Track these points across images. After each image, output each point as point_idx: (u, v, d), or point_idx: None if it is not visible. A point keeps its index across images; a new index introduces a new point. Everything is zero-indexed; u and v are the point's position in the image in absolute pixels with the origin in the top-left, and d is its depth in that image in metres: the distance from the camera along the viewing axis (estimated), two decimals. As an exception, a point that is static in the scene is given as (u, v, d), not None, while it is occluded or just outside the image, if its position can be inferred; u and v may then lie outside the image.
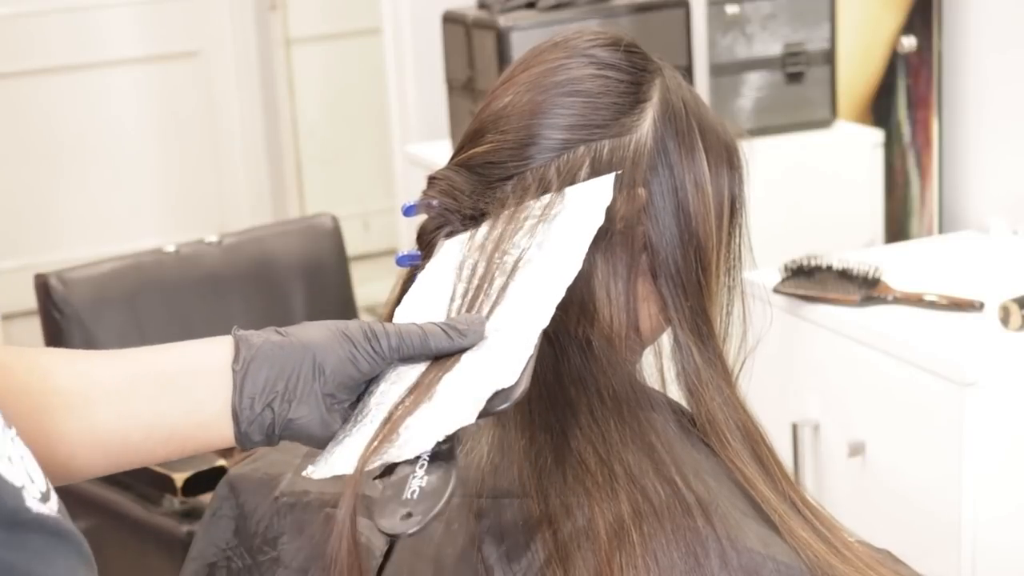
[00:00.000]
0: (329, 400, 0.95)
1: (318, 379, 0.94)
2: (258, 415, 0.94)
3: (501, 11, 2.84)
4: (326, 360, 0.94)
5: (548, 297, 0.97)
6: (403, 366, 0.97)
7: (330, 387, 0.95)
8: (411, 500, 0.88)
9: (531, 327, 0.95)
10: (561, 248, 1.00)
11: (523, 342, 0.94)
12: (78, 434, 0.93)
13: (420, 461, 0.90)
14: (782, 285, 2.25)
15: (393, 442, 0.91)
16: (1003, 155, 2.51)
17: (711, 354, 1.08)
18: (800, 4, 2.71)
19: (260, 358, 0.94)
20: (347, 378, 0.95)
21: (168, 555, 2.37)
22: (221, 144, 4.73)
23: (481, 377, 0.93)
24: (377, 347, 0.95)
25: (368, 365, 0.95)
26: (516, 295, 0.99)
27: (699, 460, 1.04)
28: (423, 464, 0.90)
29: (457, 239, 1.06)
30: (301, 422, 0.95)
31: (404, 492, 0.89)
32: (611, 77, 1.07)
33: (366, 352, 0.95)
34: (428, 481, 0.89)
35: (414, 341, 0.96)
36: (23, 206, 4.52)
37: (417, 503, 0.88)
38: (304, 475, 0.95)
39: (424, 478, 0.89)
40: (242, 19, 4.69)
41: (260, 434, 0.95)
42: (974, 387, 1.95)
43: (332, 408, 0.95)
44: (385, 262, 4.44)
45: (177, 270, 2.65)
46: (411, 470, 0.90)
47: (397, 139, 3.68)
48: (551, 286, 0.97)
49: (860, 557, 1.05)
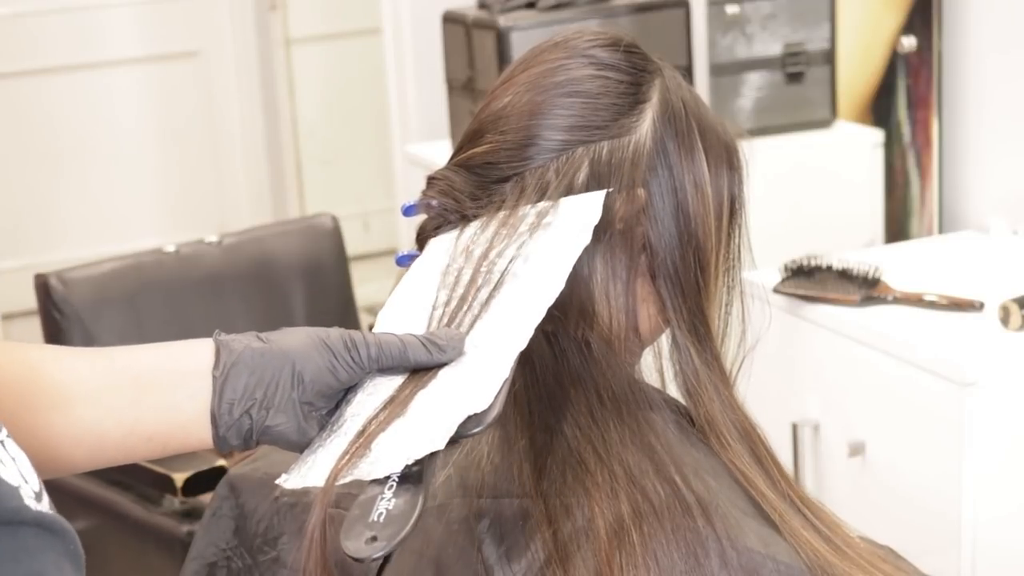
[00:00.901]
0: (307, 408, 0.95)
1: (297, 387, 0.95)
2: (236, 420, 0.95)
3: (501, 11, 2.84)
4: (305, 369, 0.95)
5: (527, 318, 0.97)
6: (381, 376, 0.97)
7: (308, 395, 0.95)
8: (377, 523, 0.88)
9: (508, 349, 0.95)
10: (545, 266, 0.99)
11: (499, 365, 0.94)
12: (61, 429, 0.93)
13: (389, 482, 0.90)
14: (782, 285, 2.25)
15: (365, 457, 0.91)
16: (1003, 155, 2.51)
17: (709, 355, 1.08)
18: (800, 4, 2.71)
19: (240, 364, 0.95)
20: (326, 387, 0.96)
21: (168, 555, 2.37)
22: (221, 144, 4.72)
23: (455, 399, 0.93)
24: (356, 357, 0.96)
25: (347, 374, 0.96)
26: (497, 311, 0.99)
27: (699, 459, 1.04)
28: (392, 486, 0.90)
29: (443, 238, 1.06)
30: (278, 429, 0.95)
31: (371, 514, 0.89)
32: (611, 78, 1.07)
33: (345, 362, 0.95)
34: (395, 504, 0.89)
35: (393, 352, 0.96)
36: (23, 206, 4.52)
37: (383, 527, 0.88)
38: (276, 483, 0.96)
39: (392, 501, 0.89)
40: (242, 19, 4.69)
41: (238, 439, 0.96)
42: (974, 387, 1.95)
43: (309, 416, 0.96)
44: (385, 262, 4.44)
45: (177, 270, 2.65)
46: (380, 491, 0.90)
47: (397, 139, 3.68)
48: (532, 307, 0.97)
49: (861, 555, 1.05)
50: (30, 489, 0.70)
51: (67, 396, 0.94)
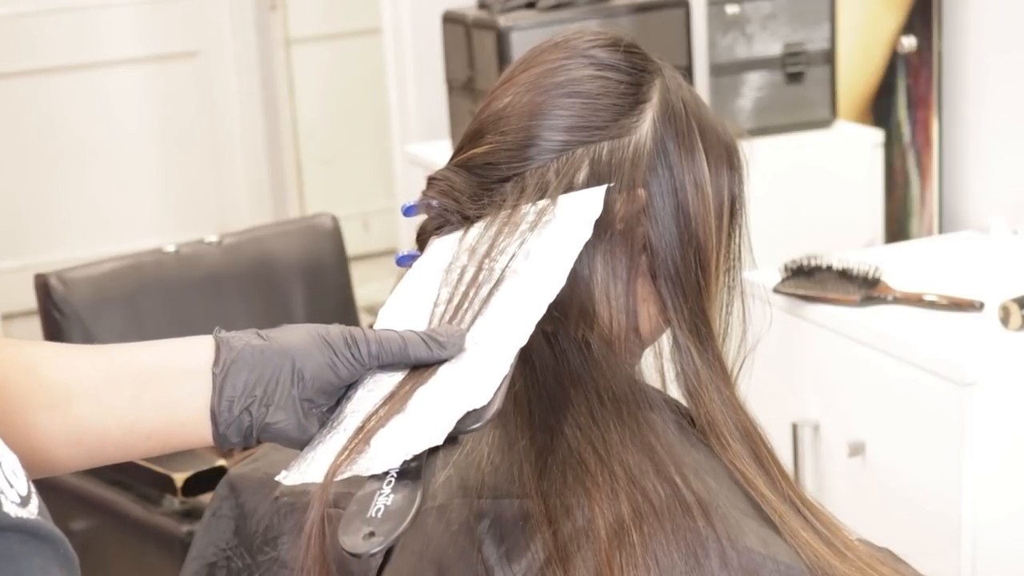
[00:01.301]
0: (307, 405, 0.95)
1: (297, 385, 0.95)
2: (236, 418, 0.95)
3: (501, 11, 2.84)
4: (306, 366, 0.95)
5: (528, 315, 0.97)
6: (381, 373, 0.97)
7: (309, 392, 0.95)
8: (375, 519, 0.88)
9: (508, 346, 0.95)
10: (546, 263, 1.00)
11: (499, 361, 0.94)
12: (59, 427, 0.93)
13: (388, 478, 0.90)
14: (782, 285, 2.25)
15: (364, 453, 0.91)
16: (1003, 155, 2.51)
17: (710, 355, 1.07)
18: (800, 4, 2.71)
19: (240, 362, 0.94)
20: (326, 384, 0.96)
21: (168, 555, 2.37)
22: (221, 144, 4.72)
23: (454, 395, 0.93)
24: (357, 354, 0.96)
25: (347, 371, 0.96)
26: (498, 308, 0.99)
27: (699, 460, 1.04)
28: (390, 481, 0.90)
29: (447, 238, 1.06)
30: (278, 426, 0.95)
31: (369, 509, 0.88)
32: (611, 78, 1.07)
33: (346, 359, 0.95)
34: (393, 500, 0.89)
35: (393, 348, 0.96)
36: (23, 206, 4.52)
37: (381, 523, 0.87)
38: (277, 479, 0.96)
39: (390, 496, 0.89)
40: (242, 19, 4.69)
41: (238, 436, 0.95)
42: (974, 387, 1.95)
43: (310, 413, 0.96)
44: (385, 262, 4.45)
45: (177, 270, 2.65)
46: (378, 486, 0.90)
47: (397, 139, 3.68)
48: (532, 304, 0.97)
49: (861, 557, 1.05)
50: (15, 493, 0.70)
51: (66, 394, 0.93)
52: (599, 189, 1.03)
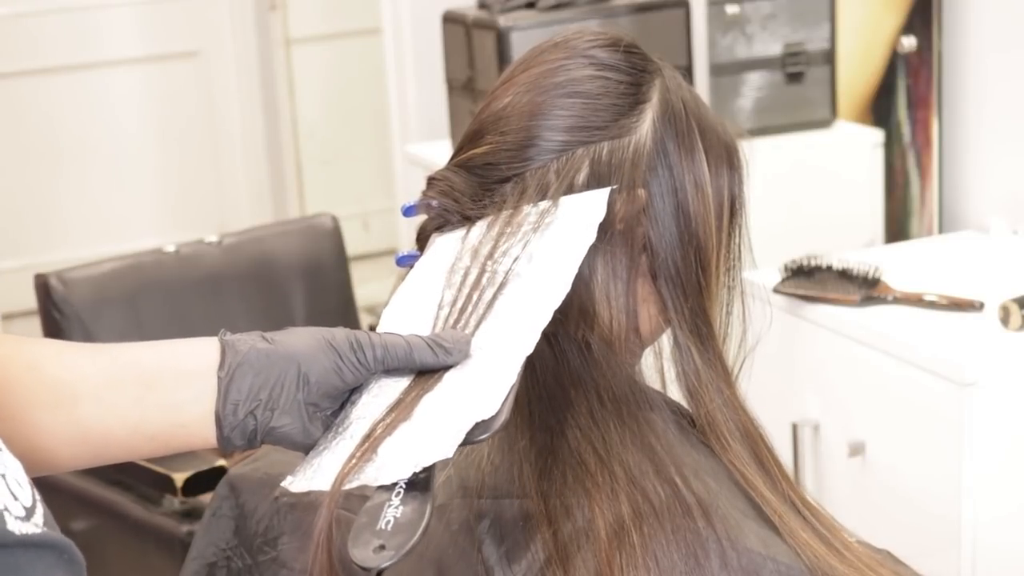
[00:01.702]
0: (312, 409, 0.95)
1: (302, 389, 0.94)
2: (240, 421, 0.94)
3: (501, 11, 2.84)
4: (311, 370, 0.94)
5: (533, 323, 0.96)
6: (386, 378, 0.96)
7: (313, 396, 0.95)
8: (385, 531, 0.87)
9: (515, 354, 0.95)
10: (550, 267, 0.99)
11: (506, 370, 0.94)
12: (63, 427, 0.93)
13: (397, 489, 0.89)
14: (782, 285, 2.25)
15: (371, 461, 0.91)
16: (1003, 155, 2.51)
17: (711, 355, 1.07)
18: (800, 4, 2.71)
19: (245, 365, 0.94)
20: (331, 388, 0.95)
21: (168, 555, 2.37)
22: (221, 144, 4.72)
23: (462, 405, 0.93)
24: (362, 358, 0.95)
25: (352, 376, 0.95)
26: (503, 312, 0.98)
27: (699, 460, 1.04)
28: (399, 492, 0.89)
29: (449, 236, 1.06)
30: (283, 430, 0.95)
31: (379, 521, 0.88)
32: (611, 78, 1.07)
33: (351, 363, 0.95)
34: (403, 512, 0.88)
35: (399, 354, 0.96)
36: (23, 206, 4.52)
37: (391, 536, 0.87)
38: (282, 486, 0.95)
39: (400, 508, 0.88)
40: (242, 19, 4.69)
41: (242, 439, 0.95)
42: (974, 387, 1.95)
43: (314, 416, 0.95)
44: (385, 262, 4.45)
45: (177, 270, 2.65)
46: (387, 497, 0.89)
47: (397, 139, 3.68)
48: (537, 310, 0.97)
49: (860, 558, 1.05)
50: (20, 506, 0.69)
51: (72, 393, 0.93)
52: (602, 192, 1.03)
